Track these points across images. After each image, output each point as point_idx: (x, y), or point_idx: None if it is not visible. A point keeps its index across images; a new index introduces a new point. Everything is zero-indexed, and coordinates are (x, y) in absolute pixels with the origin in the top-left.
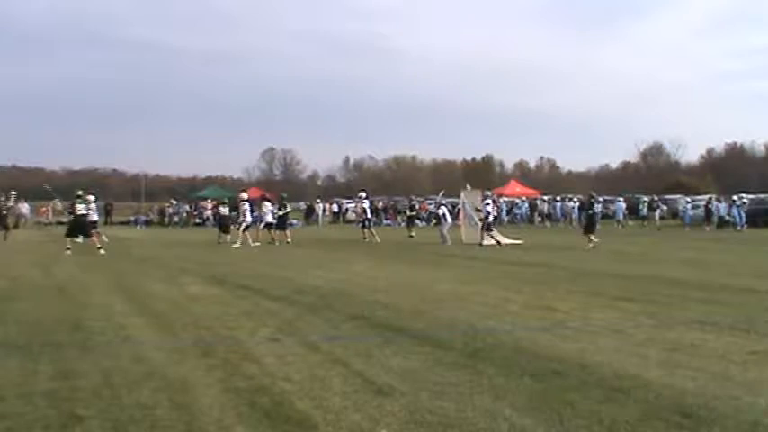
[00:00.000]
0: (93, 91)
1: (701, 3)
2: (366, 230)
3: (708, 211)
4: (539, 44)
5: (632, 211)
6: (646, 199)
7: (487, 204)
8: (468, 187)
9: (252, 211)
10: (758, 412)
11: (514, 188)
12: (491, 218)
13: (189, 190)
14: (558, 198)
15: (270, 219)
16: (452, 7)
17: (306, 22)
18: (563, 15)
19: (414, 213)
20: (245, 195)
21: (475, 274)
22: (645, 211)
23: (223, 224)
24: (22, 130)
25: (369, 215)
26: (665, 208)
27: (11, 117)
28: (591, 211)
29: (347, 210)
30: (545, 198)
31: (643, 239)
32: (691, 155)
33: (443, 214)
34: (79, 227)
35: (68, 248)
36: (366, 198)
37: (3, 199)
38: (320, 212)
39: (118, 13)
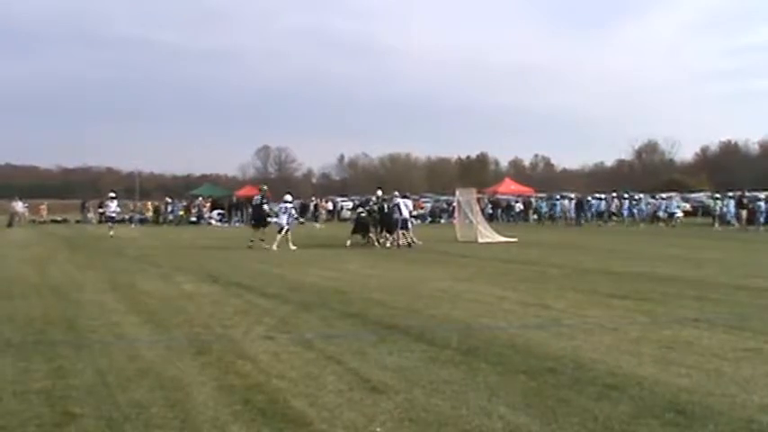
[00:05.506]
0: (87, 89)
1: (695, 1)
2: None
3: None
4: (534, 43)
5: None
6: (730, 194)
7: (397, 204)
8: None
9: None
10: (752, 409)
11: (509, 186)
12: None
13: (184, 188)
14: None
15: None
16: (448, 7)
17: (301, 19)
18: (559, 15)
19: None
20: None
21: (470, 272)
22: (729, 208)
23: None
24: (16, 129)
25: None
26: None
27: (5, 115)
28: (387, 211)
29: (342, 208)
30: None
31: None
32: (685, 153)
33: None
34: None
35: (252, 241)
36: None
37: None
38: (313, 209)
39: (112, 12)
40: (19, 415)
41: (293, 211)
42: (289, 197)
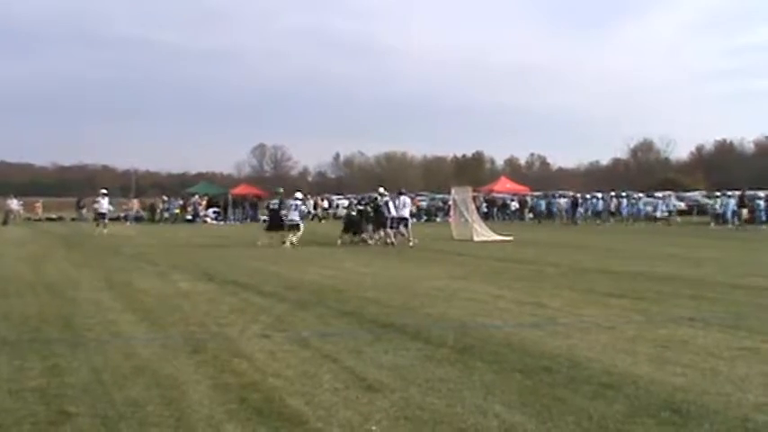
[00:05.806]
0: (83, 87)
1: (695, 1)
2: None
3: None
4: (534, 43)
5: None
6: (729, 193)
7: (386, 202)
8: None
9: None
10: (747, 408)
11: (504, 185)
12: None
13: (179, 186)
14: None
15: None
16: (448, 7)
17: (301, 19)
18: (559, 15)
19: None
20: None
21: (465, 270)
22: (728, 207)
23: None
24: (12, 127)
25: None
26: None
27: (2, 114)
28: (379, 208)
29: (338, 206)
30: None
31: None
32: (681, 152)
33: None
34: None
35: (260, 242)
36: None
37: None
38: (310, 208)
39: (112, 12)
40: (14, 413)
41: (303, 208)
42: (299, 194)
